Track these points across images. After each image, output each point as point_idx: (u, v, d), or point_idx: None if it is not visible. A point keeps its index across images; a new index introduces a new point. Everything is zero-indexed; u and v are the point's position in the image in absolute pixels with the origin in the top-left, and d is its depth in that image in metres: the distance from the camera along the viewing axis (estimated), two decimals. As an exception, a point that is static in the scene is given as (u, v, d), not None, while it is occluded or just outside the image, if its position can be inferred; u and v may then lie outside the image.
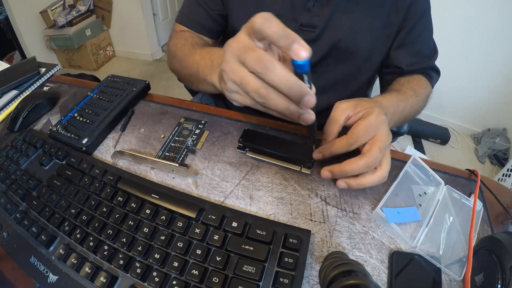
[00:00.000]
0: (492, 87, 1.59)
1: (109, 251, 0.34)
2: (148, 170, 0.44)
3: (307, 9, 0.51)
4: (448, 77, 1.65)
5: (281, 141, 0.45)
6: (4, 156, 0.47)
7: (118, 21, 2.40)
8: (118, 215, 0.36)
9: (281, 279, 0.30)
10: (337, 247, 0.35)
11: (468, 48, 1.53)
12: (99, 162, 0.43)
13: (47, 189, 0.41)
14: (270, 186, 0.41)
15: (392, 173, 0.43)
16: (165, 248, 0.34)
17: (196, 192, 0.41)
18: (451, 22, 1.48)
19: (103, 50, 2.46)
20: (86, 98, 0.54)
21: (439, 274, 0.33)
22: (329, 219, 0.37)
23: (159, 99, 0.57)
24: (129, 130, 0.50)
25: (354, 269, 0.26)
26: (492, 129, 1.69)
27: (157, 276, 0.31)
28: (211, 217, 0.34)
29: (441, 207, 0.39)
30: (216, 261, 0.31)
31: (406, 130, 0.70)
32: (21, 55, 2.16)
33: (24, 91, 0.62)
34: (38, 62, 0.68)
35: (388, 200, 0.38)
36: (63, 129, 0.48)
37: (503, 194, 0.42)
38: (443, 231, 0.37)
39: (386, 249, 0.35)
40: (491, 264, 0.30)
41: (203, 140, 0.47)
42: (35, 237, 0.36)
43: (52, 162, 0.45)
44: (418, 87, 0.54)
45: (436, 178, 0.41)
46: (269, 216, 0.38)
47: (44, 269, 0.34)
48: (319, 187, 0.41)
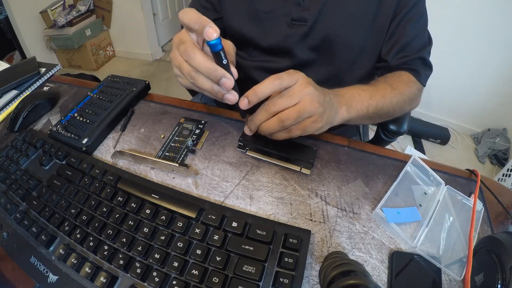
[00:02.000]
0: (492, 87, 1.59)
1: (109, 251, 0.34)
2: (148, 170, 0.44)
3: (298, 3, 0.51)
4: (448, 77, 1.65)
5: (281, 141, 0.45)
6: (4, 156, 0.47)
7: (118, 21, 2.40)
8: (118, 215, 0.36)
9: (281, 279, 0.30)
10: (337, 247, 0.35)
11: (468, 48, 1.53)
12: (99, 162, 0.43)
13: (47, 189, 0.41)
14: (270, 186, 0.41)
15: (392, 173, 0.43)
16: (165, 248, 0.34)
17: (196, 192, 0.41)
18: (451, 22, 1.48)
19: (103, 50, 2.46)
20: (86, 98, 0.54)
21: (439, 274, 0.33)
22: (329, 219, 0.37)
23: (159, 99, 0.57)
24: (129, 130, 0.50)
25: (354, 269, 0.26)
26: (492, 129, 1.69)
27: (157, 276, 0.31)
28: (211, 217, 0.34)
29: (441, 207, 0.39)
30: (216, 261, 0.31)
31: (406, 130, 0.70)
32: (21, 55, 2.16)
33: (24, 91, 0.62)
34: (38, 62, 0.68)
35: (388, 200, 0.38)
36: (63, 129, 0.48)
37: (503, 194, 0.42)
38: (443, 231, 0.37)
39: (386, 249, 0.35)
40: (491, 264, 0.30)
41: (203, 140, 0.47)
42: (35, 237, 0.36)
43: (52, 162, 0.45)
44: (394, 81, 0.52)
45: (436, 178, 0.41)
46: (269, 216, 0.38)
47: (44, 269, 0.34)
48: (319, 187, 0.41)
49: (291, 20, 0.52)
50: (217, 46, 0.32)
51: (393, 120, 0.67)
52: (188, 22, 0.33)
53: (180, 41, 0.35)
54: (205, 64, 0.34)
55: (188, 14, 0.33)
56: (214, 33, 0.31)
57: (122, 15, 2.34)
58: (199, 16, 0.32)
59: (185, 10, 0.33)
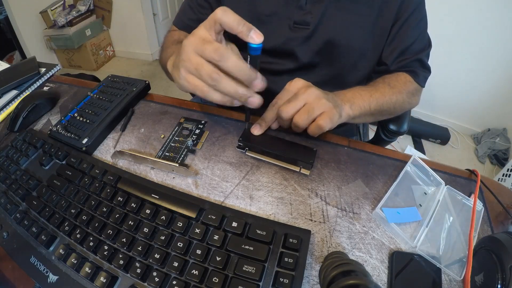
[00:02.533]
0: (492, 87, 1.59)
1: (109, 251, 0.34)
2: (148, 170, 0.44)
3: (300, 6, 0.51)
4: (448, 77, 1.66)
5: (281, 142, 0.45)
6: (4, 156, 0.47)
7: (118, 21, 2.40)
8: (118, 215, 0.36)
9: (281, 279, 0.30)
10: (337, 247, 0.35)
11: (468, 48, 1.53)
12: (99, 162, 0.43)
13: (47, 189, 0.41)
14: (270, 186, 0.41)
15: (392, 173, 0.43)
16: (165, 248, 0.34)
17: (196, 192, 0.41)
18: (451, 22, 1.48)
19: (103, 50, 2.46)
20: (86, 98, 0.54)
21: (439, 274, 0.33)
22: (329, 219, 0.37)
23: (159, 99, 0.57)
24: (129, 130, 0.50)
25: (354, 269, 0.26)
26: (492, 129, 1.69)
27: (157, 276, 0.31)
28: (211, 217, 0.34)
29: (441, 207, 0.39)
30: (216, 261, 0.31)
31: (406, 129, 0.70)
32: (21, 55, 2.16)
33: (24, 91, 0.62)
34: (38, 62, 0.68)
35: (388, 200, 0.38)
36: (63, 129, 0.48)
37: (503, 194, 0.42)
38: (443, 231, 0.37)
39: (386, 249, 0.35)
40: (491, 264, 0.30)
41: (203, 140, 0.47)
42: (35, 237, 0.36)
43: (52, 162, 0.45)
44: (392, 81, 0.54)
45: (436, 178, 0.41)
46: (269, 216, 0.38)
47: (44, 269, 0.34)
48: (319, 187, 0.41)
49: (294, 23, 0.52)
50: (259, 50, 0.32)
51: (393, 120, 0.67)
52: (231, 21, 0.31)
53: (204, 41, 0.33)
54: (241, 65, 0.32)
55: (230, 14, 0.31)
56: (261, 36, 0.31)
57: (122, 15, 2.35)
58: (241, 18, 0.31)
59: (224, 8, 0.32)
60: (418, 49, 0.56)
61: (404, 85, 0.55)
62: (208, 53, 0.32)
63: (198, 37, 0.33)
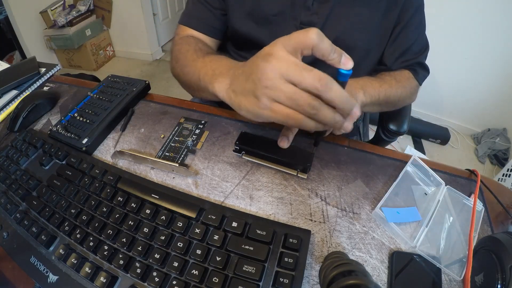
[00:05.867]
0: (492, 87, 1.59)
1: (109, 251, 0.34)
2: (148, 170, 0.44)
3: (307, 7, 0.51)
4: (448, 77, 1.65)
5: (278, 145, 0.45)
6: (4, 156, 0.47)
7: (118, 21, 2.40)
8: (118, 215, 0.36)
9: (281, 279, 0.30)
10: (337, 247, 0.35)
11: (468, 48, 1.53)
12: (99, 162, 0.43)
13: (47, 189, 0.41)
14: (270, 186, 0.41)
15: (392, 173, 0.43)
16: (165, 248, 0.34)
17: (196, 192, 0.41)
18: (451, 22, 1.48)
19: (103, 50, 2.46)
20: (86, 98, 0.54)
21: (439, 274, 0.33)
22: (329, 219, 0.37)
23: (159, 99, 0.57)
24: (129, 130, 0.50)
25: (354, 269, 0.26)
26: (492, 129, 1.69)
27: (157, 276, 0.31)
28: (211, 217, 0.34)
29: (441, 207, 0.39)
30: (216, 261, 0.31)
31: (406, 129, 0.70)
32: (21, 55, 2.16)
33: (24, 91, 0.62)
34: (38, 62, 0.68)
35: (388, 200, 0.38)
36: (63, 129, 0.48)
37: (503, 194, 0.42)
38: (443, 231, 0.37)
39: (386, 249, 0.35)
40: (491, 264, 0.30)
41: (203, 140, 0.47)
42: (35, 237, 0.36)
43: (52, 162, 0.45)
44: (397, 75, 0.56)
45: (436, 178, 0.41)
46: (269, 216, 0.38)
47: (44, 269, 0.34)
48: (319, 187, 0.41)
49: (300, 23, 0.53)
50: (348, 76, 0.31)
51: (393, 120, 0.67)
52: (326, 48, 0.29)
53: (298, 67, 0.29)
54: (345, 95, 0.30)
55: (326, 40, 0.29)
56: (351, 62, 0.30)
57: (122, 15, 2.34)
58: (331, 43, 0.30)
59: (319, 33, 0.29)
60: (417, 50, 0.58)
61: (408, 81, 0.57)
62: (309, 82, 0.29)
63: (287, 62, 0.29)
